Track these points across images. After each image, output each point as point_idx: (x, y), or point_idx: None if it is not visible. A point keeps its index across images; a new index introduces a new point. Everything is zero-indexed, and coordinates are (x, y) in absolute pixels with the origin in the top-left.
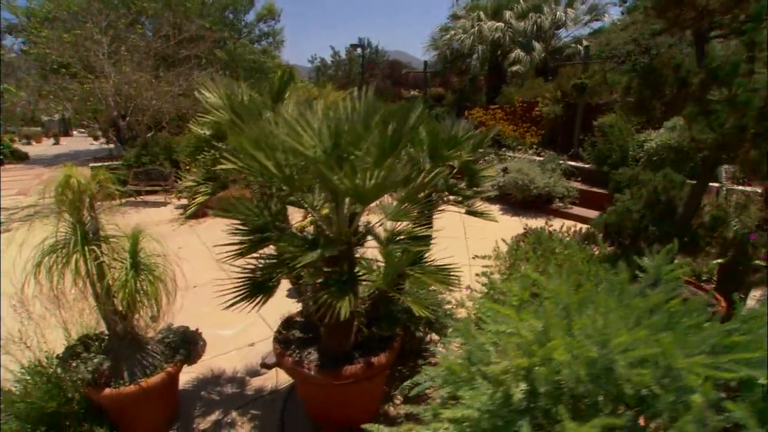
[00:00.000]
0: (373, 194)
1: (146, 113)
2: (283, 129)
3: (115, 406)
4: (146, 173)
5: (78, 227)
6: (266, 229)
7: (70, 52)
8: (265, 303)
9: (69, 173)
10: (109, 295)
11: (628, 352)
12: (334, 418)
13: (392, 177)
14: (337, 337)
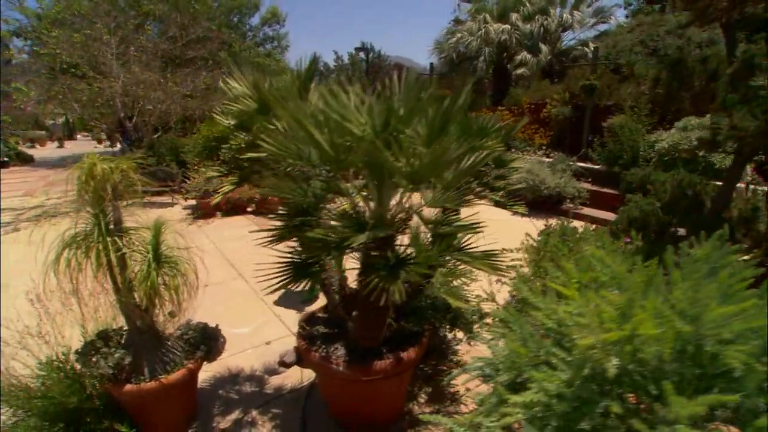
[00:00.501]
0: (427, 173)
1: (153, 114)
2: (333, 107)
3: (135, 402)
4: (153, 174)
5: (101, 217)
6: (308, 212)
7: (80, 52)
8: (309, 287)
9: (93, 161)
10: (130, 289)
11: (721, 327)
12: (359, 417)
13: (447, 155)
14: (370, 331)
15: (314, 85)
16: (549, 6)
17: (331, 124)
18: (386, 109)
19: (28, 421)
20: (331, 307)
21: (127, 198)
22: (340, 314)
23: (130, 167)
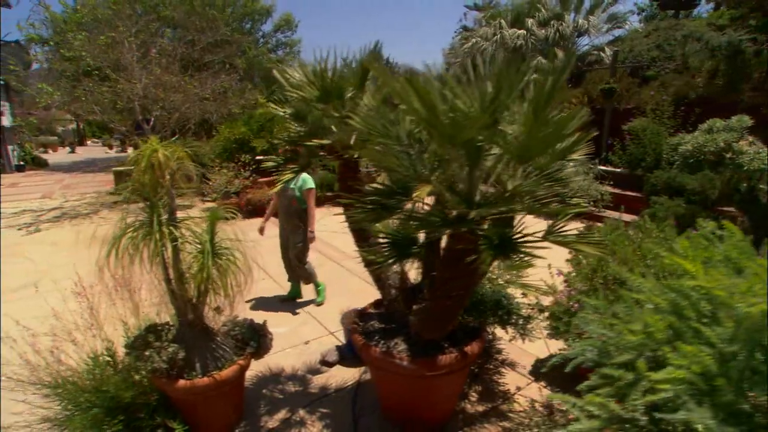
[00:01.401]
0: (535, 150)
1: (173, 116)
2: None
3: (186, 399)
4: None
5: (159, 205)
6: (405, 191)
7: (104, 55)
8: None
9: (155, 147)
10: (183, 281)
11: None
12: (416, 416)
13: (555, 132)
14: (440, 323)
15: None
16: (564, 11)
17: (429, 102)
18: (496, 87)
19: (86, 414)
20: (387, 302)
21: (182, 187)
22: (398, 308)
23: (184, 155)
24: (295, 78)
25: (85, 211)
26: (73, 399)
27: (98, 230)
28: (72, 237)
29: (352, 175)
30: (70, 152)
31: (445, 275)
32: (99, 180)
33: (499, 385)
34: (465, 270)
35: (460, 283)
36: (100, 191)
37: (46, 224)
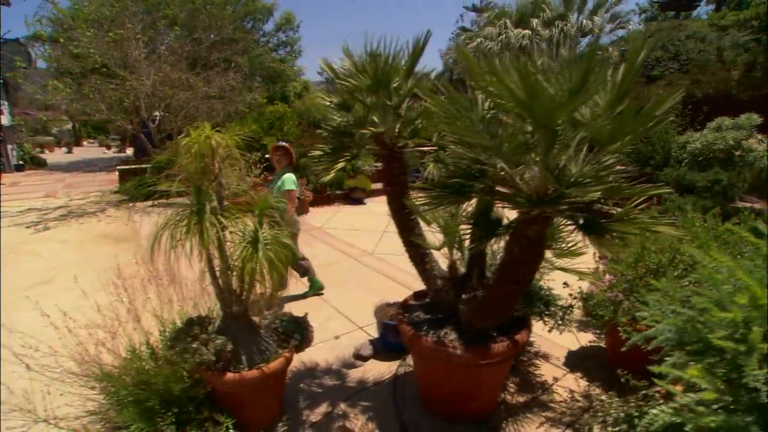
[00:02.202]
0: (624, 133)
1: (179, 114)
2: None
3: (234, 392)
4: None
5: (208, 194)
6: (482, 175)
7: (112, 52)
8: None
9: (208, 134)
10: (230, 272)
11: None
12: (461, 406)
13: (645, 115)
14: (497, 311)
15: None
16: (567, 12)
17: (531, 83)
18: (584, 73)
19: (137, 407)
20: (434, 292)
21: (229, 176)
22: (445, 298)
23: (233, 143)
24: (346, 66)
25: (91, 209)
26: (118, 392)
27: (107, 228)
28: (80, 235)
29: (398, 165)
30: (67, 152)
31: (513, 259)
32: (101, 179)
33: (536, 376)
34: (535, 253)
35: (529, 268)
36: (103, 190)
37: (54, 222)
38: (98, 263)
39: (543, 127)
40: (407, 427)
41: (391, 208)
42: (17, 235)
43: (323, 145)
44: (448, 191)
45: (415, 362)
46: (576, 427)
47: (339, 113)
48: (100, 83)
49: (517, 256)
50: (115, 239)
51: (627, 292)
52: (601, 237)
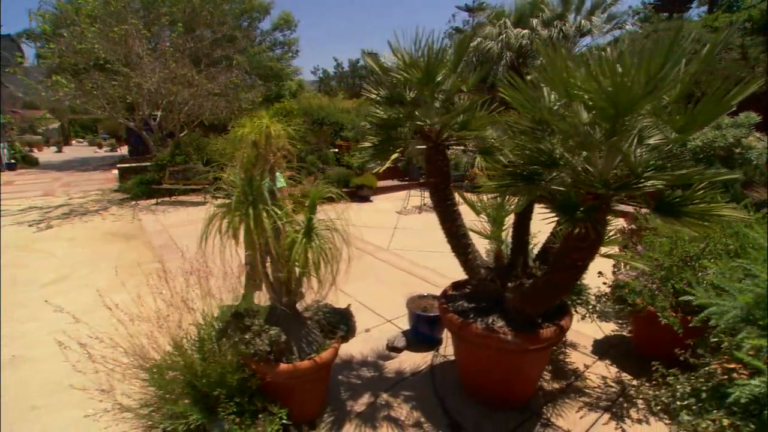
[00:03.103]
0: (700, 122)
1: (182, 111)
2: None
3: (287, 383)
4: (183, 172)
5: (260, 184)
6: (553, 162)
7: (117, 47)
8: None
9: (268, 123)
10: (281, 264)
11: None
12: (504, 392)
13: (722, 104)
14: (550, 296)
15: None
16: (566, 12)
17: (617, 77)
18: (658, 67)
19: (196, 398)
20: (477, 281)
21: (282, 166)
22: (490, 287)
23: (286, 134)
24: (393, 60)
25: (94, 208)
26: (171, 383)
27: (112, 226)
28: (87, 233)
29: (442, 158)
30: (57, 151)
31: (572, 245)
32: (98, 178)
33: (567, 364)
34: (594, 239)
35: (587, 253)
36: (103, 189)
37: (57, 221)
38: (111, 260)
39: (623, 117)
40: (451, 414)
41: (434, 199)
42: (21, 234)
43: (373, 138)
44: (517, 179)
45: (462, 350)
46: (613, 410)
47: (383, 108)
48: (103, 80)
49: (576, 242)
50: (123, 237)
51: (664, 279)
52: (678, 219)
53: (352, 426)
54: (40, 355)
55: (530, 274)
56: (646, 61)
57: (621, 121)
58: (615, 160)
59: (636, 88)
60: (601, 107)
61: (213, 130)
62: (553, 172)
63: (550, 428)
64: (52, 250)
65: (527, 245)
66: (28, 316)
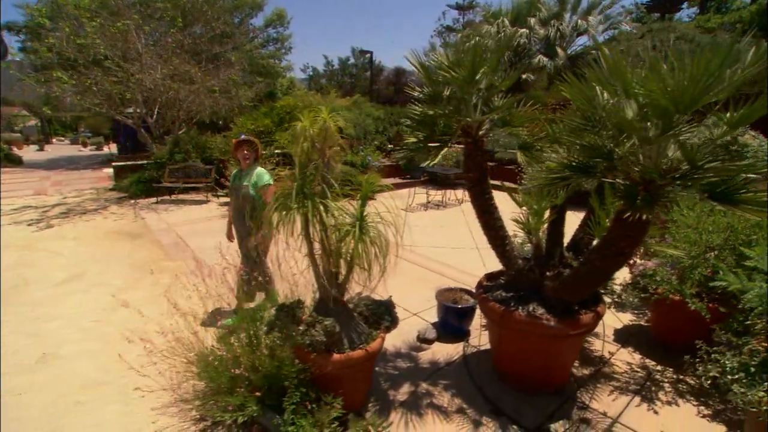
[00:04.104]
0: (745, 119)
1: (182, 108)
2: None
3: (336, 373)
4: (184, 170)
5: (312, 178)
6: (609, 155)
7: (118, 42)
8: None
9: (325, 117)
10: (331, 256)
11: None
12: (542, 378)
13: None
14: (588, 285)
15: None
16: (562, 11)
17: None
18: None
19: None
20: (515, 272)
21: (336, 160)
22: (530, 277)
23: (337, 128)
24: (438, 60)
25: (92, 207)
26: (221, 376)
27: (115, 225)
28: (90, 232)
29: (480, 153)
30: (38, 150)
31: (619, 233)
32: (89, 177)
33: (593, 351)
34: (641, 227)
35: (633, 241)
36: (97, 188)
37: (56, 220)
38: (121, 259)
39: (683, 114)
40: (491, 400)
41: (471, 193)
42: (21, 233)
43: (419, 133)
44: (574, 171)
45: (502, 338)
46: (643, 393)
47: (424, 105)
48: (102, 75)
49: (623, 231)
50: (128, 236)
51: (690, 267)
52: (736, 206)
53: (398, 414)
54: (69, 352)
55: (566, 264)
56: (705, 61)
57: (677, 118)
58: (667, 153)
59: (699, 86)
60: (661, 105)
61: (209, 128)
62: (606, 163)
63: (586, 411)
64: (58, 249)
65: (563, 237)
66: (50, 315)
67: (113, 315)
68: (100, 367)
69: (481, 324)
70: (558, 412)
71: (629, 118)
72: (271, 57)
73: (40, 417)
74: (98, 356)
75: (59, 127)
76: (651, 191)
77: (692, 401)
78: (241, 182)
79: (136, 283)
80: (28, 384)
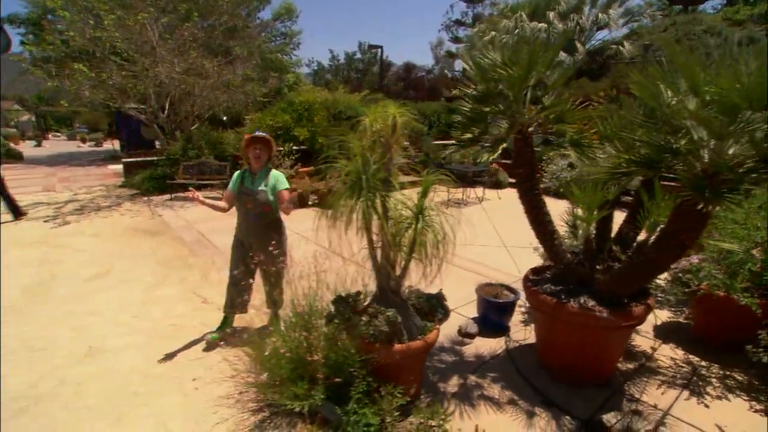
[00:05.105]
0: None
1: (195, 103)
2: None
3: (396, 363)
4: (198, 167)
5: (374, 171)
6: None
7: (135, 36)
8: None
9: (393, 111)
10: (391, 248)
11: None
12: (591, 371)
13: None
14: (643, 278)
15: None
16: (581, 4)
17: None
18: None
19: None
20: (564, 266)
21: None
22: (580, 270)
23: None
24: (491, 58)
25: (106, 203)
26: (282, 368)
27: (133, 222)
28: (109, 229)
29: (530, 149)
30: (36, 145)
31: (680, 226)
32: (95, 173)
33: (635, 346)
34: (703, 219)
35: (694, 234)
36: (106, 184)
37: (71, 217)
38: (146, 256)
39: (756, 111)
40: (541, 391)
41: (520, 189)
42: (40, 230)
43: (474, 129)
44: (639, 166)
45: (553, 330)
46: (691, 388)
47: (475, 102)
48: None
49: (683, 224)
50: (148, 233)
51: (739, 263)
52: None
53: (452, 405)
54: (115, 346)
55: (615, 258)
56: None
57: (744, 114)
58: (733, 148)
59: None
60: (730, 101)
61: (221, 125)
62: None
63: (636, 403)
64: (79, 245)
65: (611, 231)
66: (84, 310)
67: (150, 310)
68: (148, 360)
69: (521, 320)
70: (608, 404)
71: (704, 115)
72: (278, 51)
73: (101, 406)
74: (144, 350)
75: (53, 122)
76: (715, 185)
77: (742, 396)
78: (254, 186)
79: (165, 279)
80: (83, 375)
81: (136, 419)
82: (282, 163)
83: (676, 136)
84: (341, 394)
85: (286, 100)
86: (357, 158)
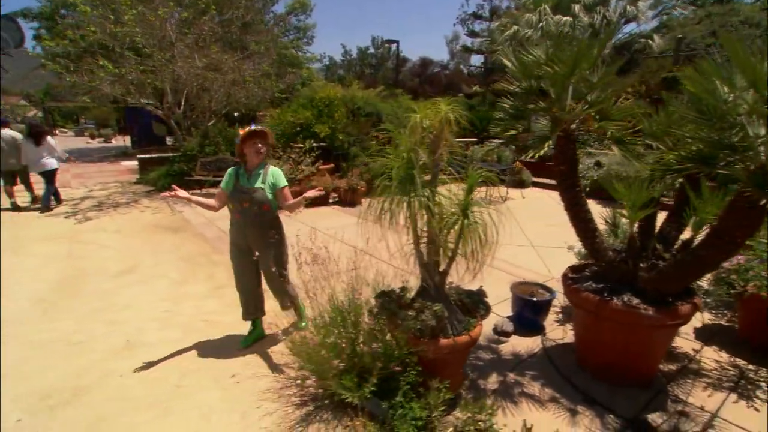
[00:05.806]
0: None
1: (213, 99)
2: None
3: (441, 358)
4: (216, 163)
5: (421, 168)
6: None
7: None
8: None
9: (444, 108)
10: (435, 244)
11: None
12: (634, 371)
13: None
14: (691, 276)
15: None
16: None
17: None
18: None
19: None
20: (606, 264)
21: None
22: (623, 268)
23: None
24: (536, 54)
25: (123, 200)
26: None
27: (153, 218)
28: (130, 225)
29: (572, 147)
30: None
31: (733, 224)
32: (108, 170)
33: (676, 348)
34: (759, 216)
35: (747, 231)
36: (121, 180)
37: (92, 213)
38: (170, 252)
39: None
40: (582, 390)
41: (561, 186)
42: (62, 225)
43: (518, 125)
44: (695, 163)
45: (595, 328)
46: (739, 391)
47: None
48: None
49: (738, 221)
50: (169, 229)
51: None
52: None
53: (492, 401)
54: (152, 340)
55: (658, 256)
56: None
57: None
58: None
59: None
60: None
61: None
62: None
63: (681, 404)
64: (103, 242)
65: (654, 229)
66: (120, 305)
67: (181, 306)
68: (186, 355)
69: (555, 319)
70: (651, 404)
71: (764, 110)
72: (291, 47)
73: (146, 397)
74: (181, 344)
75: (59, 118)
76: None
77: None
78: (250, 184)
79: (191, 276)
80: (123, 368)
81: (181, 411)
82: (303, 160)
83: (730, 132)
84: (385, 388)
85: (306, 96)
86: (409, 154)
